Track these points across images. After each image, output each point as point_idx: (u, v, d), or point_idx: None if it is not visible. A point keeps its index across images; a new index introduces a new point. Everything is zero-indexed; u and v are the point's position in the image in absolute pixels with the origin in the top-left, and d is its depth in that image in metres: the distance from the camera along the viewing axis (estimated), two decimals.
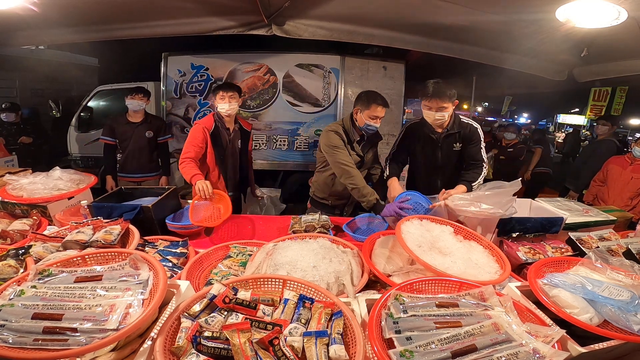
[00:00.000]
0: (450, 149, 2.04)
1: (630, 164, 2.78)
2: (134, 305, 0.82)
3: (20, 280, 0.93)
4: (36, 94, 5.79)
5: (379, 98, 2.01)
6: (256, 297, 0.93)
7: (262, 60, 4.14)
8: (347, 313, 0.89)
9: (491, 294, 0.96)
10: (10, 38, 3.00)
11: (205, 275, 1.29)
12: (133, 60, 4.95)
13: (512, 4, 2.11)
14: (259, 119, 4.27)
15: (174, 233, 1.68)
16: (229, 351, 0.76)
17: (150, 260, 0.98)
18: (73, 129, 4.87)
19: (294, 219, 1.79)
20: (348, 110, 4.27)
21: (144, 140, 3.03)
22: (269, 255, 1.25)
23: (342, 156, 1.98)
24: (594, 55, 2.85)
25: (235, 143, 2.40)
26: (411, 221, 1.43)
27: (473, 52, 3.17)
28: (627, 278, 1.10)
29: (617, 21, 1.83)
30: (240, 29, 2.64)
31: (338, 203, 2.30)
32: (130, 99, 2.93)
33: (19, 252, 1.19)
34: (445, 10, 2.30)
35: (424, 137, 2.07)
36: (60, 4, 2.28)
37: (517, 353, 0.77)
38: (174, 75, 4.17)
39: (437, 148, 2.06)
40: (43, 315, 0.77)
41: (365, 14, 2.58)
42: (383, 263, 1.28)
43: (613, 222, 1.78)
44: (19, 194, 1.74)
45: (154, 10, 2.56)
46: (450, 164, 2.10)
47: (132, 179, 3.10)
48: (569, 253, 1.49)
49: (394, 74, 4.28)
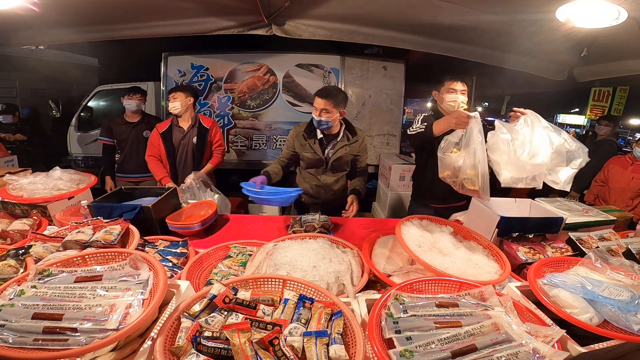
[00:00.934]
0: None
1: (631, 164, 2.78)
2: (134, 305, 0.82)
3: (20, 280, 0.93)
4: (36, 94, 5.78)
5: (322, 90, 1.98)
6: (256, 297, 0.93)
7: (262, 60, 4.15)
8: (347, 313, 0.89)
9: (491, 294, 0.96)
10: (10, 38, 2.99)
11: (205, 275, 1.29)
12: (133, 60, 4.95)
13: (512, 4, 2.11)
14: (259, 119, 4.28)
15: (174, 233, 1.68)
16: (229, 351, 0.76)
17: (150, 260, 0.98)
18: (73, 129, 4.87)
19: (294, 219, 1.79)
20: (348, 110, 4.27)
21: (141, 140, 3.03)
22: (269, 255, 1.25)
23: (283, 149, 2.18)
24: (594, 55, 2.85)
25: (189, 140, 2.62)
26: (411, 221, 1.43)
27: (473, 52, 3.16)
28: (627, 278, 1.10)
29: (617, 21, 1.83)
30: (240, 29, 2.64)
31: (310, 202, 2.27)
32: (127, 99, 2.93)
33: (19, 252, 1.19)
34: (445, 10, 2.30)
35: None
36: (60, 4, 2.28)
37: (517, 353, 0.77)
38: (174, 75, 4.18)
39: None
40: (43, 315, 0.77)
41: (365, 14, 2.58)
42: (383, 263, 1.28)
43: (613, 222, 1.78)
44: (19, 194, 1.74)
45: (154, 11, 2.56)
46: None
47: (131, 179, 3.10)
48: (569, 253, 1.49)
49: (394, 74, 4.28)
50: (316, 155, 2.06)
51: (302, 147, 2.08)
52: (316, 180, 2.15)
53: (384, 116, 4.37)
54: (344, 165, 2.14)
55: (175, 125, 2.62)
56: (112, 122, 3.07)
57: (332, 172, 2.13)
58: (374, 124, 4.37)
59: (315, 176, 2.15)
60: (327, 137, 2.06)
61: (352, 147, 2.08)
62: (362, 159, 2.19)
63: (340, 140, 2.06)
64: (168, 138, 2.59)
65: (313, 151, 2.05)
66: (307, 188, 2.19)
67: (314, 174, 2.15)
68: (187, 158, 2.65)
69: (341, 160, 2.10)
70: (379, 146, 4.44)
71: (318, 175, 2.14)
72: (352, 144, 2.07)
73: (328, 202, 2.20)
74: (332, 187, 2.17)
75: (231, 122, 4.30)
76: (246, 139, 4.34)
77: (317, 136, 2.04)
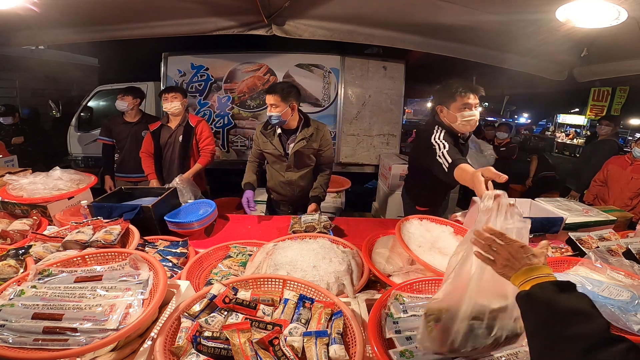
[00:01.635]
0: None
1: (630, 164, 2.78)
2: (134, 305, 0.82)
3: (20, 280, 0.93)
4: (36, 94, 5.78)
5: (271, 86, 1.99)
6: (256, 297, 0.93)
7: (262, 60, 4.15)
8: (347, 313, 0.89)
9: None
10: (10, 38, 2.99)
11: (205, 275, 1.29)
12: (133, 60, 4.95)
13: (512, 4, 2.11)
14: (259, 119, 4.27)
15: (174, 233, 1.68)
16: (229, 351, 0.76)
17: (150, 260, 0.98)
18: (73, 129, 4.87)
19: (294, 219, 1.79)
20: (348, 110, 4.29)
21: (140, 140, 3.02)
22: (269, 255, 1.25)
23: (252, 148, 2.21)
24: (594, 55, 2.85)
25: (175, 139, 2.65)
26: (411, 221, 1.43)
27: (473, 52, 3.16)
28: (627, 278, 1.10)
29: (617, 21, 1.83)
30: (240, 29, 2.64)
31: (279, 199, 2.28)
32: (119, 99, 2.93)
33: (19, 252, 1.19)
34: (445, 10, 2.30)
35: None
36: (60, 4, 2.28)
37: (517, 353, 0.77)
38: (174, 75, 4.18)
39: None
40: (43, 315, 0.77)
41: (365, 14, 2.58)
42: (383, 263, 1.28)
43: (613, 222, 1.78)
44: (19, 194, 1.74)
45: (154, 11, 2.56)
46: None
47: (130, 179, 3.09)
48: (568, 253, 1.49)
49: (394, 74, 4.28)
50: (277, 151, 2.07)
51: (264, 144, 2.11)
52: (281, 177, 2.16)
53: (384, 116, 4.37)
54: (305, 159, 2.11)
55: (165, 124, 2.66)
56: (111, 121, 3.07)
57: (296, 168, 2.13)
58: (374, 124, 4.37)
59: (280, 173, 2.16)
60: (285, 132, 2.07)
61: (311, 140, 2.06)
62: (326, 154, 2.15)
63: (299, 134, 2.05)
64: (156, 137, 2.66)
65: (274, 147, 2.07)
66: (274, 186, 2.22)
67: (278, 170, 2.16)
68: (173, 157, 2.68)
69: (302, 155, 2.08)
70: (379, 146, 4.43)
71: (282, 172, 2.15)
72: (310, 137, 2.05)
73: (296, 199, 2.21)
74: (299, 183, 2.16)
75: (231, 122, 4.30)
76: (246, 139, 4.34)
77: (275, 132, 2.06)
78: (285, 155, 2.09)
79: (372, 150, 4.39)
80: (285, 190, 2.20)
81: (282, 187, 2.20)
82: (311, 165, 2.17)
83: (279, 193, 2.24)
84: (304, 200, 2.17)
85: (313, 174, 2.20)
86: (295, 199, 2.22)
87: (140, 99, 3.05)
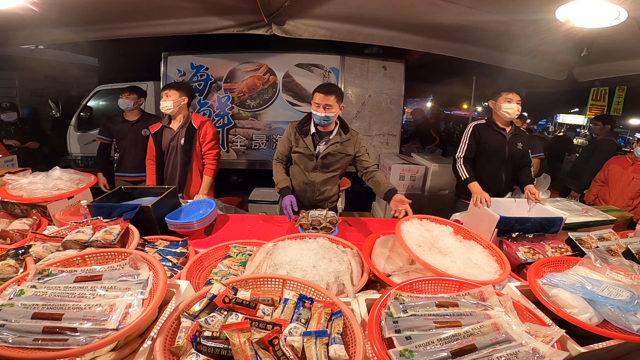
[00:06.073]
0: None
1: (631, 164, 2.78)
2: (133, 305, 0.82)
3: (20, 280, 0.93)
4: (36, 93, 5.78)
5: (323, 86, 1.97)
6: (256, 297, 0.93)
7: (261, 60, 4.15)
8: (347, 313, 0.89)
9: (491, 294, 0.96)
10: (10, 38, 2.99)
11: (205, 275, 1.29)
12: (133, 59, 4.94)
13: (512, 4, 2.11)
14: (258, 118, 4.28)
15: (173, 233, 1.68)
16: (228, 351, 0.76)
17: (150, 260, 0.98)
18: (73, 129, 4.87)
19: (302, 213, 1.79)
20: (348, 110, 4.29)
21: (140, 139, 3.02)
22: (269, 255, 1.25)
23: (278, 146, 2.17)
24: (594, 55, 2.85)
25: (178, 142, 2.43)
26: (411, 221, 1.43)
27: (473, 52, 3.17)
28: (627, 278, 1.10)
29: (617, 21, 1.83)
30: (240, 29, 2.64)
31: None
32: (123, 98, 2.92)
33: (19, 252, 1.19)
34: (445, 10, 2.30)
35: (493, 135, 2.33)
36: (60, 3, 2.28)
37: (517, 353, 0.77)
38: (174, 75, 4.18)
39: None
40: (43, 315, 0.77)
41: (365, 14, 2.58)
42: (383, 263, 1.28)
43: (612, 222, 1.78)
44: (18, 193, 1.74)
45: (153, 10, 2.56)
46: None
47: (129, 179, 3.09)
48: (568, 253, 1.49)
49: (394, 74, 4.28)
50: (308, 150, 2.05)
51: (296, 142, 2.08)
52: (305, 177, 2.13)
53: (384, 116, 4.37)
54: (334, 163, 2.10)
55: (166, 126, 2.43)
56: (110, 120, 3.06)
57: (322, 171, 2.11)
58: (373, 123, 4.37)
59: (304, 173, 2.12)
60: (320, 133, 2.06)
61: (344, 145, 2.05)
62: (366, 159, 2.11)
63: (333, 137, 2.04)
64: (158, 139, 2.43)
65: (305, 145, 2.05)
66: (294, 186, 2.18)
67: (303, 170, 2.13)
68: (175, 162, 2.45)
69: (332, 158, 2.06)
70: (379, 146, 4.44)
71: (307, 172, 2.12)
72: (344, 141, 2.04)
73: (312, 203, 2.14)
74: (320, 187, 2.13)
75: (231, 121, 4.30)
76: (246, 138, 4.34)
77: (310, 132, 2.05)
78: (315, 155, 2.07)
79: (371, 150, 4.39)
80: (305, 191, 2.15)
81: (301, 188, 2.15)
82: (336, 173, 2.15)
83: (296, 195, 2.16)
84: (319, 206, 2.08)
85: (336, 181, 2.19)
86: (311, 203, 2.16)
87: (143, 98, 3.06)
